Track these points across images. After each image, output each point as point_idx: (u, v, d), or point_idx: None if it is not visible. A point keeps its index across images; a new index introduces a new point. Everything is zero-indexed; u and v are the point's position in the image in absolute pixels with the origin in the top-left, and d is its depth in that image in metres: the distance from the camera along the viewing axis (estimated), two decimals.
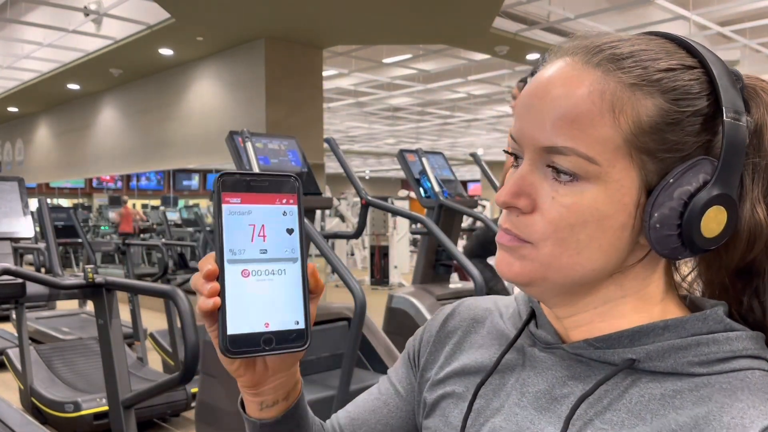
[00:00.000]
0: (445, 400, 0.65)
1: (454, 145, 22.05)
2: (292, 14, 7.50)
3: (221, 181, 0.52)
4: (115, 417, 2.41)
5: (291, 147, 3.37)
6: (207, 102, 9.55)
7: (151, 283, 5.42)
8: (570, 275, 0.53)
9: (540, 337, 0.61)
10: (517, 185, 0.53)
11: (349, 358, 2.68)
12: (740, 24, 8.66)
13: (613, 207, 0.51)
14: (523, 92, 0.55)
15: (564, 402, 0.56)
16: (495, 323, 0.68)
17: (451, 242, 3.50)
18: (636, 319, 0.55)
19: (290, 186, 0.54)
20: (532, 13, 8.06)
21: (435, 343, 0.70)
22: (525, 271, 0.54)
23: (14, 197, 2.72)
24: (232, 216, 0.52)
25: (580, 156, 0.50)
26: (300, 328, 0.53)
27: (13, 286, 2.37)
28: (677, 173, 0.51)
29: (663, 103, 0.50)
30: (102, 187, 21.32)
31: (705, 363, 0.52)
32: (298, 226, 0.54)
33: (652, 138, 0.50)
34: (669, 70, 0.51)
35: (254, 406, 0.61)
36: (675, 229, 0.51)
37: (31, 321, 5.86)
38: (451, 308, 0.73)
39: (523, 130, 0.54)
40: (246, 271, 0.52)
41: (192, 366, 2.09)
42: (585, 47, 0.54)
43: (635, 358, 0.53)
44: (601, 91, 0.50)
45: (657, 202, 0.51)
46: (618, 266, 0.54)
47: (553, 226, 0.52)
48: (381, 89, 12.62)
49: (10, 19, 8.97)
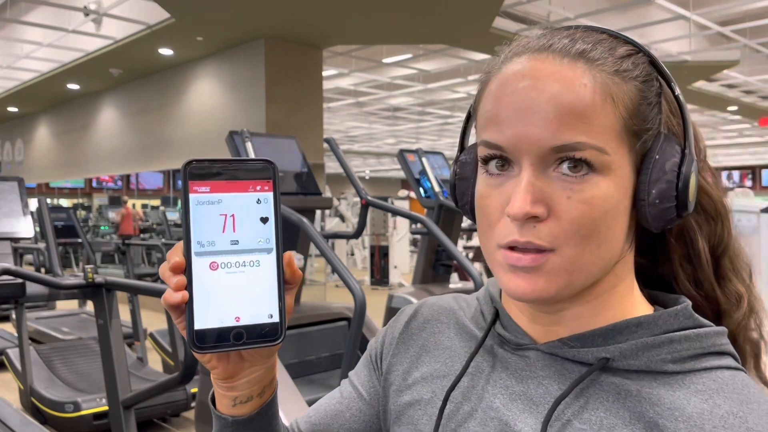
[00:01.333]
0: (413, 408, 0.63)
1: (454, 145, 22.02)
2: (292, 14, 7.49)
3: (188, 170, 0.49)
4: (115, 417, 2.41)
5: (291, 147, 3.37)
6: (207, 102, 9.55)
7: (151, 283, 5.43)
8: (592, 271, 0.53)
9: (508, 339, 0.60)
10: (531, 192, 0.50)
11: (349, 358, 2.68)
12: (740, 24, 8.66)
13: (620, 192, 0.52)
14: (498, 97, 0.53)
15: (541, 403, 0.55)
16: (460, 323, 0.66)
17: (451, 242, 3.50)
18: (620, 312, 0.56)
19: (265, 171, 0.51)
20: (532, 13, 8.06)
21: (398, 345, 0.68)
22: (551, 286, 0.52)
23: (14, 197, 2.72)
24: (200, 206, 0.50)
25: (594, 149, 0.50)
26: (274, 321, 0.51)
27: (13, 286, 2.37)
28: (658, 149, 0.53)
29: (639, 85, 0.52)
30: (102, 187, 21.33)
31: (677, 360, 0.53)
32: (273, 214, 0.51)
33: (638, 120, 0.52)
34: (628, 56, 0.53)
35: (227, 402, 0.58)
36: (672, 200, 0.52)
37: (31, 321, 5.86)
38: (413, 309, 0.71)
39: (519, 134, 0.51)
40: (215, 263, 0.50)
41: (192, 366, 2.09)
42: (551, 48, 0.53)
43: (609, 356, 0.53)
44: (597, 83, 0.51)
45: (652, 178, 0.52)
46: (622, 252, 0.55)
47: (576, 225, 0.50)
48: (381, 89, 12.62)
49: (10, 19, 8.97)
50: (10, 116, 15.20)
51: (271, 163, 0.52)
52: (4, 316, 7.03)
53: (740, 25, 8.67)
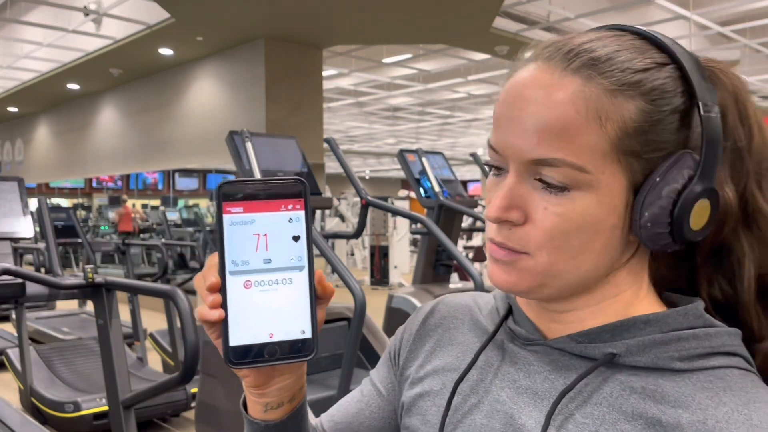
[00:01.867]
0: (423, 399, 0.65)
1: (454, 145, 22.04)
2: (292, 14, 7.50)
3: (222, 191, 0.51)
4: (115, 417, 2.41)
5: (291, 147, 3.37)
6: (207, 102, 9.55)
7: (151, 283, 5.42)
8: (567, 279, 0.54)
9: (519, 333, 0.61)
10: (507, 198, 0.53)
11: (349, 358, 2.68)
12: (740, 24, 8.66)
13: (604, 210, 0.52)
14: (501, 100, 0.54)
15: (545, 397, 0.56)
16: (475, 320, 0.68)
17: (451, 242, 3.50)
18: (625, 315, 0.56)
19: (296, 190, 0.52)
20: (532, 13, 8.06)
21: (415, 341, 0.70)
22: (522, 281, 0.54)
23: (14, 197, 2.72)
24: (233, 226, 0.51)
25: (570, 166, 0.50)
26: (306, 337, 0.52)
27: (13, 286, 2.37)
28: (662, 171, 0.51)
29: (644, 105, 0.51)
30: (102, 187, 21.33)
31: (685, 358, 0.52)
32: (305, 232, 0.52)
33: (637, 140, 0.51)
34: (645, 70, 0.51)
35: (258, 407, 0.60)
36: (666, 226, 0.51)
37: (31, 321, 5.86)
38: (431, 306, 0.72)
39: (507, 142, 0.53)
40: (249, 282, 0.51)
41: (192, 366, 2.09)
42: (560, 50, 0.53)
43: (616, 352, 0.54)
44: (584, 99, 0.50)
45: (646, 201, 0.51)
46: (611, 265, 0.55)
47: (549, 235, 0.52)
48: (381, 89, 12.62)
49: (10, 18, 8.97)
50: (10, 116, 15.21)
51: (302, 182, 0.53)
52: (4, 316, 7.03)
53: (740, 25, 8.67)
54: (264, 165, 3.10)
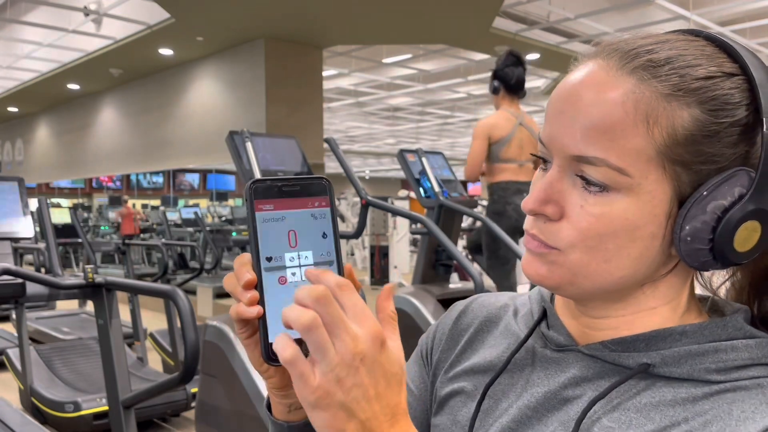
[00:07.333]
0: (454, 398, 0.65)
1: (454, 145, 22.04)
2: (292, 14, 7.49)
3: (253, 189, 0.52)
4: (115, 417, 2.41)
5: (291, 147, 3.37)
6: (207, 102, 9.54)
7: (151, 283, 5.42)
8: (599, 282, 0.53)
9: (552, 339, 0.60)
10: (545, 192, 0.52)
11: None
12: (740, 24, 8.65)
13: (644, 218, 0.50)
14: (554, 94, 0.54)
15: (575, 403, 0.55)
16: (508, 323, 0.67)
17: (451, 242, 3.50)
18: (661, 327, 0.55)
19: (321, 189, 0.54)
20: (532, 13, 8.06)
21: (448, 341, 0.70)
22: (553, 276, 0.54)
23: (14, 197, 2.72)
24: (266, 223, 0.52)
25: (611, 167, 0.49)
26: None
27: (13, 286, 2.37)
28: (711, 186, 0.49)
29: (700, 114, 0.48)
30: (102, 187, 21.33)
31: (722, 370, 0.50)
32: (332, 228, 0.54)
33: (687, 150, 0.49)
34: (708, 78, 0.49)
35: (282, 408, 0.59)
36: (707, 243, 0.49)
37: (31, 321, 5.86)
38: (464, 305, 0.72)
39: (553, 135, 0.52)
40: (283, 278, 0.52)
41: (192, 366, 2.08)
42: (620, 50, 0.52)
43: (650, 362, 0.52)
44: (635, 101, 0.49)
45: (689, 215, 0.49)
46: (649, 276, 0.53)
47: (582, 235, 0.51)
48: (381, 89, 12.61)
49: (10, 19, 8.97)
50: (10, 116, 15.20)
51: (327, 181, 0.54)
52: (4, 316, 7.03)
53: (740, 25, 8.66)
54: (264, 165, 3.10)
